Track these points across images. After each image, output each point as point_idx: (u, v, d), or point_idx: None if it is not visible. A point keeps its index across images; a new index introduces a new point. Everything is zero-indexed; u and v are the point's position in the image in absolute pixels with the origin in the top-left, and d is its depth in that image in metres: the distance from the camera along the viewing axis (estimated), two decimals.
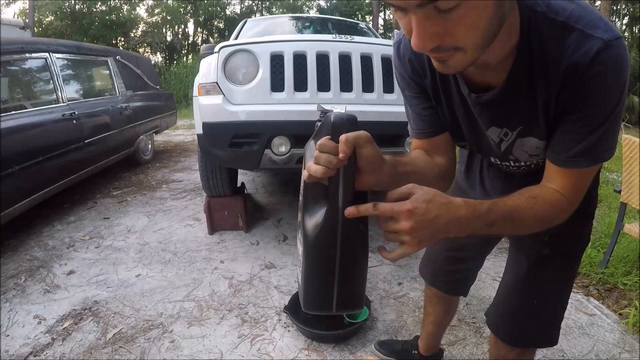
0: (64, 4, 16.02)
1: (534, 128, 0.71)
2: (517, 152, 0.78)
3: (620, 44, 0.59)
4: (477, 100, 0.71)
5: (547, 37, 0.61)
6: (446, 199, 0.58)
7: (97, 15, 16.62)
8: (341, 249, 0.61)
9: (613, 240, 2.12)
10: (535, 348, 1.02)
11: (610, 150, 0.67)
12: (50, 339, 1.68)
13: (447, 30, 0.50)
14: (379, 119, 2.04)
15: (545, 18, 0.61)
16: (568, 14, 0.60)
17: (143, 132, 4.57)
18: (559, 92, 0.63)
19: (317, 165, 0.56)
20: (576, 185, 0.69)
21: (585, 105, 0.62)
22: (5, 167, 2.35)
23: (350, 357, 1.57)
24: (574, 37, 0.59)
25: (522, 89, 0.66)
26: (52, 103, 3.08)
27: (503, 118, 0.72)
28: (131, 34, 17.74)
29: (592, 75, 0.59)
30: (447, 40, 0.51)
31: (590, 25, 0.59)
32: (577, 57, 0.59)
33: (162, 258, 2.40)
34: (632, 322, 1.71)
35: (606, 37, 0.58)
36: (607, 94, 0.61)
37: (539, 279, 0.92)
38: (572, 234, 0.90)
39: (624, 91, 0.61)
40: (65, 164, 3.01)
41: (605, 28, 0.59)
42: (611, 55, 0.58)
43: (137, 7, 18.37)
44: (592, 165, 0.67)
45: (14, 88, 2.91)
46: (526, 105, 0.68)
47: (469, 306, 1.88)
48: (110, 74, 4.21)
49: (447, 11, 0.48)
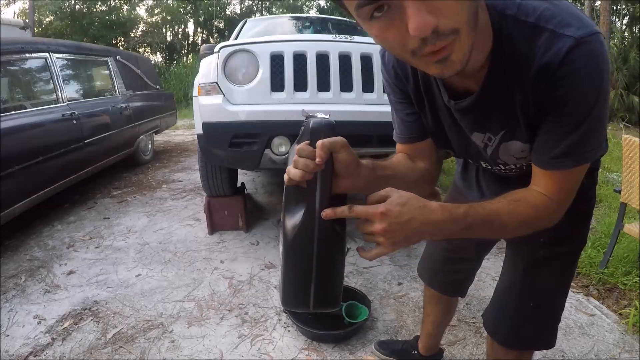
0: (64, 4, 16.01)
1: (516, 131, 0.71)
2: (503, 156, 0.77)
3: (595, 40, 0.57)
4: (456, 107, 0.72)
5: (519, 40, 0.60)
6: (421, 202, 0.60)
7: (97, 15, 16.60)
8: (317, 248, 0.63)
9: (613, 240, 2.12)
10: (532, 350, 1.01)
11: (595, 150, 0.65)
12: (50, 339, 1.68)
13: (440, 8, 0.48)
14: (379, 119, 2.04)
15: (516, 21, 0.60)
16: (538, 14, 0.59)
17: (143, 132, 4.57)
18: (535, 94, 0.63)
19: (296, 169, 0.59)
20: (562, 187, 0.68)
21: (561, 105, 0.61)
22: (5, 167, 2.35)
23: (350, 357, 1.57)
24: (545, 37, 0.58)
25: (498, 93, 0.66)
26: (52, 103, 3.08)
27: (484, 123, 0.72)
28: (131, 34, 17.73)
29: (564, 74, 0.58)
30: (442, 20, 0.49)
31: (561, 24, 0.58)
32: (548, 58, 0.58)
33: (162, 258, 2.40)
34: (632, 322, 1.71)
35: (578, 35, 0.57)
36: (582, 93, 0.59)
37: (535, 280, 0.92)
38: (568, 235, 0.89)
39: (602, 88, 0.59)
40: (65, 164, 3.01)
41: (578, 25, 0.57)
42: (584, 52, 0.57)
43: (137, 7, 18.37)
44: (576, 166, 0.66)
45: (14, 88, 2.91)
46: (505, 109, 0.68)
47: (469, 306, 1.88)
48: (110, 74, 4.21)
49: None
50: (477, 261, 1.20)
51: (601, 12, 8.55)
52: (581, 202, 0.85)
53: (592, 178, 0.88)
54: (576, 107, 0.61)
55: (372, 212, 0.58)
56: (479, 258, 1.20)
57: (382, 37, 0.53)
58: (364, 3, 0.49)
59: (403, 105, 0.83)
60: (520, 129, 0.69)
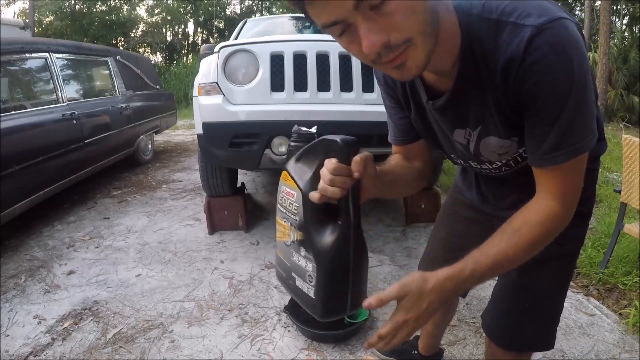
0: (64, 4, 16.00)
1: (490, 127, 0.70)
2: (485, 152, 0.77)
3: (559, 25, 0.56)
4: (433, 107, 0.73)
5: (485, 37, 0.61)
6: (431, 285, 0.63)
7: (97, 15, 16.59)
8: (353, 258, 0.68)
9: (613, 240, 2.12)
10: (530, 352, 1.01)
11: (588, 139, 0.63)
12: (50, 339, 1.68)
13: (390, 24, 0.52)
14: (379, 119, 2.04)
15: (481, 19, 0.61)
16: (501, 10, 0.59)
17: (143, 132, 4.57)
18: (506, 90, 0.62)
19: (334, 188, 0.61)
20: (564, 184, 0.66)
21: (534, 97, 0.60)
22: (5, 167, 2.35)
23: (350, 357, 1.57)
24: (508, 31, 0.58)
25: (470, 91, 0.66)
26: (52, 103, 3.08)
27: (461, 120, 0.73)
28: (131, 34, 17.72)
29: (529, 64, 0.58)
30: (393, 35, 0.52)
31: (522, 15, 0.58)
32: (511, 51, 0.58)
33: (162, 258, 2.40)
34: (632, 322, 1.70)
35: (538, 22, 0.56)
36: (553, 81, 0.58)
37: (531, 282, 0.91)
38: (566, 236, 0.87)
39: (575, 73, 0.57)
40: (65, 164, 3.01)
41: (539, 13, 0.57)
42: (546, 39, 0.56)
43: (137, 7, 18.36)
44: (571, 159, 0.63)
45: (14, 88, 2.91)
46: (478, 106, 0.68)
47: (469, 306, 1.88)
48: (110, 74, 4.21)
49: (379, 6, 0.51)
50: None
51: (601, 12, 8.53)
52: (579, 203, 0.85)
53: (589, 177, 0.86)
54: (550, 98, 0.59)
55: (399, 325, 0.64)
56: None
57: (348, 49, 0.58)
58: (327, 25, 0.54)
59: (395, 110, 0.86)
60: (495, 125, 0.69)
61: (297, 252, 0.72)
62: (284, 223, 0.75)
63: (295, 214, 0.69)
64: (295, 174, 0.68)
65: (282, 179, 0.72)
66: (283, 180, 0.72)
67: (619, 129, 7.63)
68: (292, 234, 0.71)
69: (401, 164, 0.87)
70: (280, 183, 0.73)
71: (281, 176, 0.72)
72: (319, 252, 0.67)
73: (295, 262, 0.72)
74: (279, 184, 0.74)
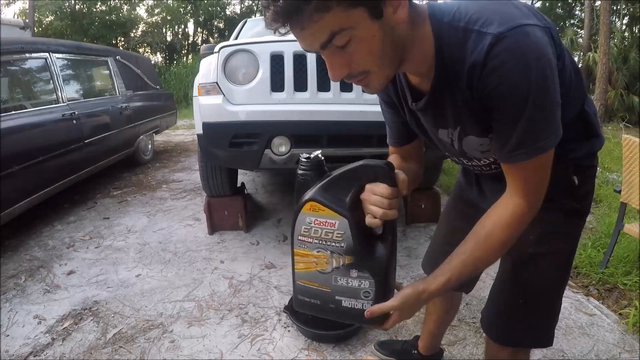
0: (64, 4, 15.99)
1: (467, 127, 0.75)
2: (469, 150, 0.81)
3: (517, 32, 0.60)
4: (416, 108, 0.79)
5: (453, 44, 0.66)
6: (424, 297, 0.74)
7: (97, 15, 16.58)
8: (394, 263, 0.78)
9: (613, 240, 2.11)
10: (526, 348, 1.01)
11: (549, 139, 0.66)
12: (50, 339, 1.68)
13: (351, 60, 0.64)
14: (379, 119, 2.03)
15: (450, 27, 0.66)
16: (468, 17, 0.64)
17: (143, 132, 4.57)
18: (472, 93, 0.67)
19: (394, 210, 0.71)
20: (528, 182, 0.70)
21: (497, 100, 0.64)
22: (5, 167, 2.35)
23: (350, 357, 1.57)
24: (472, 38, 0.63)
25: (445, 94, 0.72)
26: (52, 103, 3.08)
27: (441, 120, 0.78)
28: (131, 34, 17.70)
29: (490, 70, 0.62)
30: (353, 67, 0.64)
31: (486, 23, 0.62)
32: (474, 57, 0.63)
33: (162, 258, 2.40)
34: (632, 322, 1.70)
35: (498, 31, 0.60)
36: (511, 85, 0.62)
37: (524, 278, 0.91)
38: (557, 233, 0.88)
39: (532, 77, 0.61)
40: (65, 164, 3.01)
41: (500, 21, 0.61)
42: (505, 47, 0.60)
43: (137, 7, 18.34)
44: (532, 158, 0.67)
45: (14, 88, 2.91)
46: (453, 107, 0.73)
47: (469, 306, 1.88)
48: (110, 74, 4.21)
49: (344, 46, 0.61)
50: None
51: (601, 12, 8.53)
52: (570, 200, 0.85)
53: (584, 174, 0.86)
54: (510, 101, 0.63)
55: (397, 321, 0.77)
56: None
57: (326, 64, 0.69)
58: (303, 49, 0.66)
59: (390, 114, 0.93)
60: (471, 124, 0.74)
61: (344, 276, 0.75)
62: (318, 253, 0.76)
63: (340, 241, 0.71)
64: (331, 203, 0.69)
65: (308, 210, 0.72)
66: (311, 211, 0.72)
67: (619, 129, 7.64)
68: (336, 260, 0.74)
69: (400, 166, 0.90)
70: (305, 215, 0.72)
71: (305, 208, 0.72)
72: (374, 268, 0.73)
73: (341, 285, 0.75)
74: (299, 215, 0.73)
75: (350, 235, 0.70)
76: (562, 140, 0.71)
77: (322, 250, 0.75)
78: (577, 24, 15.82)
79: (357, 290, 0.74)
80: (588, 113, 0.82)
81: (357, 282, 0.74)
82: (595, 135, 0.85)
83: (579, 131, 0.83)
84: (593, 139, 0.85)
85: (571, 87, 0.75)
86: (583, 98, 0.81)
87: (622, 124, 8.21)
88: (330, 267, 0.75)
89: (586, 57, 10.17)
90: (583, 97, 0.81)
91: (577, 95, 0.78)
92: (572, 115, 0.78)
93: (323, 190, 0.70)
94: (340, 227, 0.70)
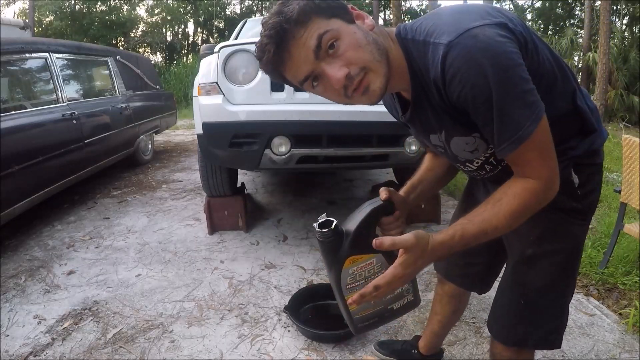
0: (64, 4, 15.99)
1: (450, 129, 0.79)
2: (458, 152, 0.83)
3: (466, 36, 0.63)
4: (405, 120, 0.86)
5: (418, 57, 0.72)
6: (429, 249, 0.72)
7: (97, 15, 16.59)
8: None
9: (613, 240, 2.11)
10: (530, 349, 1.00)
11: (526, 127, 0.66)
12: (50, 339, 1.68)
13: (346, 60, 0.68)
14: (379, 119, 2.04)
15: (413, 42, 0.72)
16: (427, 31, 0.70)
17: (143, 132, 4.57)
18: (444, 100, 0.71)
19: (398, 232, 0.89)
20: (531, 164, 0.70)
21: (466, 103, 0.67)
22: (5, 167, 2.35)
23: (350, 357, 1.57)
24: (430, 51, 0.68)
25: (423, 103, 0.77)
26: (52, 103, 3.08)
27: (428, 127, 0.83)
28: (131, 34, 17.71)
29: (449, 80, 0.66)
30: (351, 67, 0.68)
31: (438, 34, 0.67)
32: (434, 69, 0.68)
33: (162, 258, 2.40)
34: (632, 322, 1.70)
35: (447, 40, 0.65)
36: (472, 86, 0.64)
37: (525, 278, 0.91)
38: (556, 233, 0.87)
39: (489, 74, 0.62)
40: (65, 164, 3.01)
41: (450, 31, 0.65)
42: (457, 53, 0.64)
43: (137, 7, 18.35)
44: (517, 149, 0.68)
45: (14, 88, 2.91)
46: (433, 113, 0.78)
47: (469, 306, 1.87)
48: (110, 74, 4.21)
49: (332, 47, 0.67)
50: (488, 255, 1.16)
51: (601, 12, 8.52)
52: (569, 199, 0.84)
53: (586, 172, 0.84)
54: (476, 102, 0.66)
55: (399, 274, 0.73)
56: (489, 252, 1.15)
57: (325, 95, 0.75)
58: (302, 81, 0.72)
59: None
60: (453, 127, 0.77)
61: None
62: None
63: (380, 270, 0.82)
64: (366, 250, 0.80)
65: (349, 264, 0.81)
66: (352, 264, 0.81)
67: (619, 129, 7.63)
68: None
69: (431, 165, 1.04)
70: (347, 269, 0.81)
71: (345, 265, 0.81)
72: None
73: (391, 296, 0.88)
74: (341, 273, 0.82)
75: (386, 262, 0.81)
76: (558, 138, 0.71)
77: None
78: (577, 24, 15.82)
79: (401, 293, 0.89)
80: (581, 108, 0.80)
81: (400, 288, 0.88)
82: (592, 131, 0.82)
83: (574, 128, 0.81)
84: (591, 135, 0.83)
85: (556, 81, 0.75)
86: (572, 92, 0.79)
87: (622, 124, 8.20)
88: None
89: (586, 57, 10.17)
90: (571, 91, 0.79)
91: (565, 89, 0.78)
92: (563, 111, 0.77)
93: (353, 246, 0.80)
94: (377, 261, 0.82)
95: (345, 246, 0.81)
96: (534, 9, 18.49)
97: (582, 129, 0.82)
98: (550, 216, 0.82)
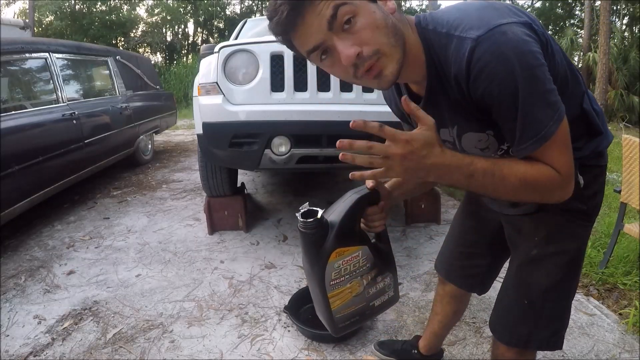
0: (64, 4, 15.98)
1: (464, 124, 0.77)
2: (468, 148, 0.81)
3: (494, 33, 0.63)
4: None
5: (439, 50, 0.70)
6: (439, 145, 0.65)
7: (97, 15, 16.57)
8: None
9: (613, 240, 2.11)
10: (531, 350, 1.00)
11: (549, 126, 0.66)
12: (50, 339, 1.68)
13: (360, 39, 0.64)
14: (379, 119, 2.03)
15: (435, 34, 0.70)
16: (450, 24, 0.68)
17: (143, 132, 4.57)
18: (463, 95, 0.70)
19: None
20: (553, 161, 0.69)
21: (491, 98, 0.66)
22: (5, 167, 2.35)
23: (350, 357, 1.57)
24: (454, 44, 0.66)
25: (438, 96, 0.75)
26: (52, 103, 3.08)
27: (440, 121, 0.78)
28: (131, 34, 17.69)
29: (476, 75, 0.65)
30: (364, 47, 0.64)
31: (465, 28, 0.65)
32: (459, 63, 0.66)
33: (162, 258, 2.40)
34: (632, 322, 1.70)
35: (476, 35, 0.63)
36: (500, 82, 0.63)
37: (529, 278, 0.91)
38: (561, 234, 0.88)
39: (517, 71, 0.62)
40: (65, 164, 3.01)
41: (479, 25, 0.64)
42: (485, 48, 0.63)
43: (137, 7, 18.33)
44: (538, 148, 0.67)
45: (14, 88, 2.91)
46: (448, 106, 0.76)
47: (469, 306, 1.87)
48: (110, 74, 4.21)
49: (349, 22, 0.63)
50: (489, 257, 1.16)
51: (601, 12, 8.52)
52: (574, 200, 0.84)
53: (588, 175, 0.85)
54: (502, 99, 0.65)
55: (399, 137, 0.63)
56: (491, 253, 1.16)
57: (332, 71, 0.71)
58: (310, 51, 0.67)
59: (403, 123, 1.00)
60: (468, 122, 0.76)
61: (373, 286, 0.89)
62: (351, 284, 0.86)
63: (366, 264, 0.83)
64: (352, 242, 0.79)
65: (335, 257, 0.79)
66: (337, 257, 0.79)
67: (619, 129, 7.63)
68: (365, 279, 0.87)
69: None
70: (332, 263, 0.78)
71: (331, 258, 0.78)
72: (389, 265, 0.90)
73: (372, 293, 0.88)
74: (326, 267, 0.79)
75: (372, 255, 0.81)
76: None
77: (354, 278, 0.85)
78: (577, 24, 15.80)
79: (383, 289, 0.89)
80: (588, 111, 0.81)
81: (382, 284, 0.88)
82: (598, 133, 0.83)
83: (581, 130, 0.82)
84: (597, 137, 0.84)
85: (567, 84, 0.75)
86: (581, 95, 0.80)
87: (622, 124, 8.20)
88: (363, 286, 0.87)
89: (586, 57, 10.16)
90: (580, 94, 0.80)
91: (575, 92, 0.78)
92: (572, 113, 0.78)
93: (339, 238, 0.77)
94: (363, 254, 0.81)
95: (330, 238, 0.76)
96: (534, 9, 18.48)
97: (589, 131, 0.83)
98: (555, 217, 0.83)
